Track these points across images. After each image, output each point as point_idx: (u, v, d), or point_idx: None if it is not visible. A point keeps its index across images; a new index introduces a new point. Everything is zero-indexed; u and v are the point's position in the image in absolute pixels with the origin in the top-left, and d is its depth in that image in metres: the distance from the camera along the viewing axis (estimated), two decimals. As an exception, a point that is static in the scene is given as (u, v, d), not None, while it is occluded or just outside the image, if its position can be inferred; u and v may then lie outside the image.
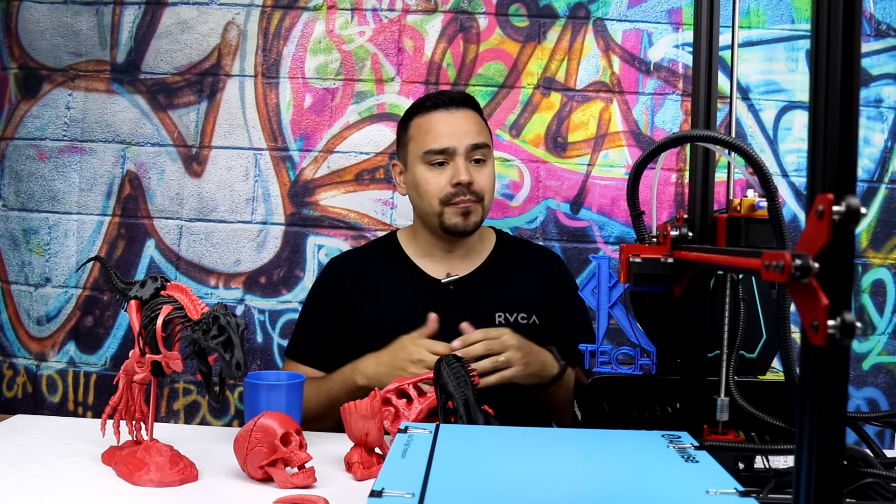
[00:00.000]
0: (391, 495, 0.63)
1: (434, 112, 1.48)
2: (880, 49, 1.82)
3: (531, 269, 1.56)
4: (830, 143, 0.51)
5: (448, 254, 1.53)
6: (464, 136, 1.45)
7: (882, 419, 0.99)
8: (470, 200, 1.45)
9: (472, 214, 1.46)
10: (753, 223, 0.91)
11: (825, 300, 0.49)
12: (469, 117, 1.48)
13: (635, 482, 0.70)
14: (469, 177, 1.44)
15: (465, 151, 1.45)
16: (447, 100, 1.48)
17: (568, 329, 1.53)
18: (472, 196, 1.45)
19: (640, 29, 1.83)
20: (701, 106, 0.93)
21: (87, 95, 1.89)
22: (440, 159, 1.45)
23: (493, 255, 1.57)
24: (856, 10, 0.50)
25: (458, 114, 1.48)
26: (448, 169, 1.45)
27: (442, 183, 1.45)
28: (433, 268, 1.53)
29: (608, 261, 1.04)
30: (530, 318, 1.50)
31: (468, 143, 1.45)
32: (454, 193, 1.44)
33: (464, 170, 1.43)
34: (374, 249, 1.61)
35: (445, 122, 1.47)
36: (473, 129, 1.47)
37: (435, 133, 1.46)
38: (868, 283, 1.83)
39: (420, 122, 1.49)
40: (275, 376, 1.26)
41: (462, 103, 1.49)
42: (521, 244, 1.65)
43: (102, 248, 1.89)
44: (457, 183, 1.43)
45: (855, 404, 1.83)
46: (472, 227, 1.48)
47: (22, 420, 1.30)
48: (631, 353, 1.01)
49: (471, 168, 1.45)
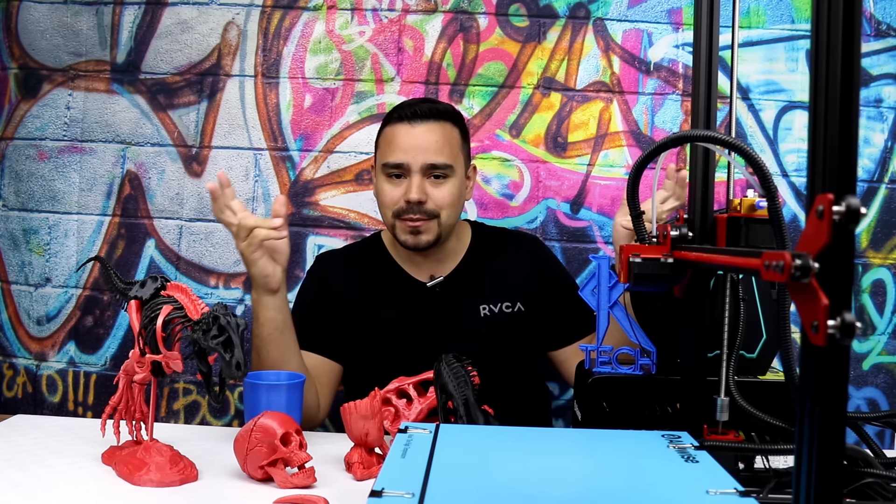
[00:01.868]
0: (391, 495, 0.63)
1: (398, 124, 1.45)
2: (880, 49, 1.82)
3: (510, 257, 1.56)
4: (830, 143, 0.51)
5: (426, 258, 1.52)
6: (420, 153, 1.42)
7: (882, 419, 0.99)
8: (420, 219, 1.43)
9: (424, 233, 1.44)
10: (753, 223, 0.91)
11: (825, 300, 0.49)
12: (432, 133, 1.44)
13: (635, 482, 0.70)
14: (420, 195, 1.41)
15: (420, 169, 1.42)
16: (412, 113, 1.44)
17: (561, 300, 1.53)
18: (423, 214, 1.43)
19: (640, 29, 1.83)
20: (701, 106, 0.93)
21: (87, 95, 1.89)
22: (396, 172, 1.44)
23: (471, 251, 1.57)
24: (856, 10, 0.50)
25: (420, 128, 1.43)
26: (403, 183, 1.44)
27: (396, 196, 1.44)
28: (417, 271, 1.53)
29: (608, 261, 1.04)
30: (515, 306, 1.51)
31: (423, 161, 1.42)
32: (404, 210, 1.43)
33: (416, 188, 1.41)
34: (361, 252, 1.61)
35: (405, 136, 1.43)
36: (433, 147, 1.43)
37: (394, 146, 1.44)
38: (868, 283, 1.83)
39: (386, 132, 1.47)
40: (275, 376, 1.26)
41: (429, 116, 1.44)
42: (497, 233, 1.64)
43: (102, 248, 1.89)
44: (407, 200, 1.42)
45: (855, 404, 1.83)
46: (425, 244, 1.45)
47: (22, 420, 1.30)
48: (631, 353, 1.01)
49: (427, 184, 1.43)
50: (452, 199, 1.46)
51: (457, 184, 1.47)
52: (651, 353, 1.00)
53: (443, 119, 1.46)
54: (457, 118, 1.51)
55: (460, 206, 1.51)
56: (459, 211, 1.51)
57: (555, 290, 1.55)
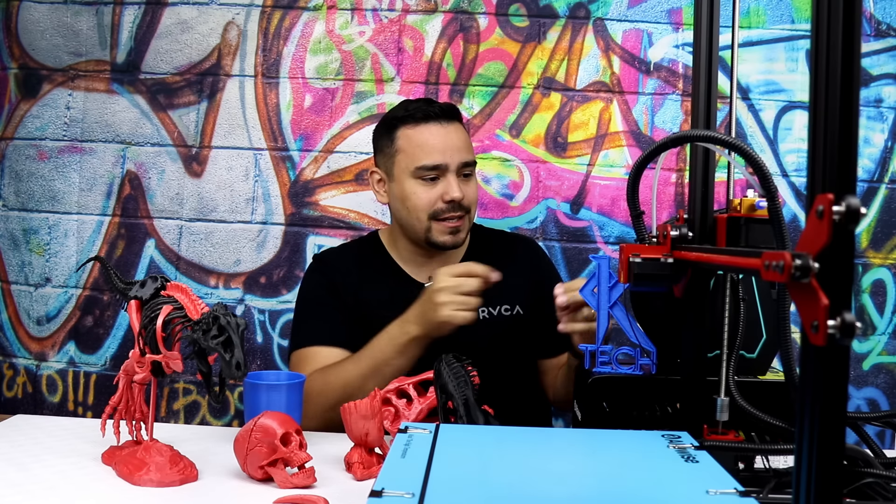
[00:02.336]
0: (391, 495, 0.63)
1: (425, 124, 1.45)
2: (880, 49, 1.82)
3: (509, 260, 1.55)
4: (830, 143, 0.51)
5: (431, 259, 1.53)
6: (456, 152, 1.44)
7: (882, 419, 0.99)
8: (459, 217, 1.45)
9: (462, 231, 1.47)
10: (753, 223, 0.91)
11: (825, 300, 0.49)
12: (460, 132, 1.48)
13: (635, 482, 0.70)
14: (461, 193, 1.44)
15: (456, 168, 1.44)
16: (438, 111, 1.46)
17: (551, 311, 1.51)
18: (461, 212, 1.45)
19: (640, 29, 1.83)
20: (701, 106, 0.93)
21: (87, 95, 1.89)
22: (432, 175, 1.44)
23: (470, 253, 1.57)
24: (856, 10, 0.50)
25: (450, 128, 1.46)
26: (439, 184, 1.44)
27: (433, 198, 1.44)
28: (417, 272, 1.53)
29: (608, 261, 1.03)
30: (514, 309, 1.51)
31: (460, 160, 1.45)
32: (444, 210, 1.44)
33: (456, 187, 1.43)
34: (360, 251, 1.60)
35: (439, 136, 1.44)
36: (465, 146, 1.47)
37: (429, 148, 1.44)
38: (868, 283, 1.83)
39: (410, 134, 1.46)
40: (275, 376, 1.26)
41: (452, 116, 1.48)
42: (497, 236, 1.65)
43: (102, 248, 1.89)
44: (449, 200, 1.43)
45: (855, 404, 1.83)
46: (461, 242, 1.50)
47: (22, 420, 1.30)
48: (631, 353, 1.01)
49: (460, 183, 1.45)
50: (477, 194, 1.53)
51: (476, 180, 1.53)
52: (651, 353, 1.00)
53: (457, 119, 1.51)
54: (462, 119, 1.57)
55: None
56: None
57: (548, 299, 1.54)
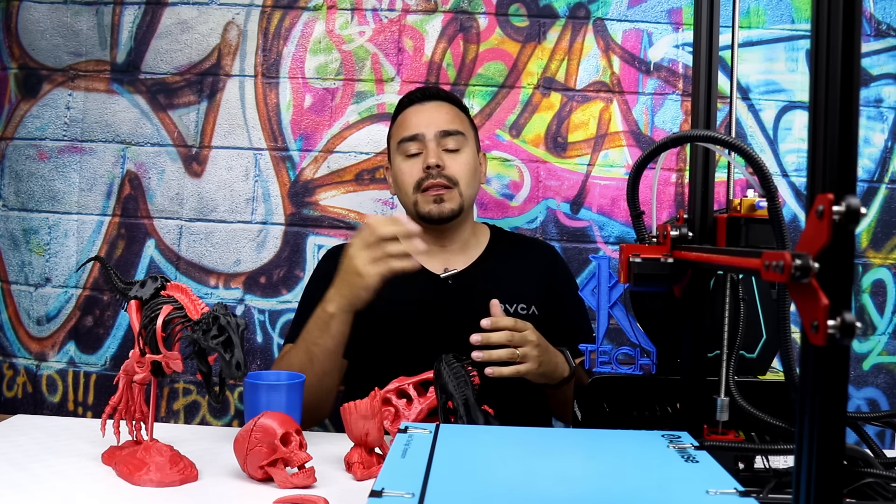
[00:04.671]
0: (391, 495, 0.63)
1: (409, 107, 1.54)
2: (880, 49, 1.82)
3: (528, 261, 1.57)
4: (830, 143, 0.51)
5: (443, 249, 1.54)
6: (432, 122, 1.50)
7: (882, 419, 0.99)
8: (441, 185, 1.46)
9: (448, 202, 1.47)
10: (753, 223, 0.91)
11: (825, 300, 0.49)
12: (440, 107, 1.53)
13: (635, 482, 0.69)
14: (438, 160, 1.46)
15: (434, 137, 1.49)
16: (421, 94, 1.55)
17: (567, 328, 1.53)
18: (444, 180, 1.47)
19: (640, 29, 1.83)
20: (701, 106, 0.93)
21: (87, 95, 1.89)
22: (414, 149, 1.49)
23: (489, 249, 1.57)
24: (856, 10, 0.50)
25: (428, 105, 1.53)
26: (421, 157, 1.49)
27: (415, 170, 1.49)
28: (430, 263, 1.52)
29: (608, 261, 1.03)
30: (529, 309, 1.50)
31: (437, 129, 1.49)
32: (425, 178, 1.47)
33: (432, 152, 1.47)
34: None
35: (416, 112, 1.53)
36: (444, 118, 1.51)
37: (407, 123, 1.52)
38: (868, 283, 1.83)
39: (398, 119, 1.56)
40: (275, 376, 1.26)
41: (435, 97, 1.55)
42: (517, 238, 1.66)
43: (102, 248, 1.89)
44: (427, 166, 1.46)
45: (855, 404, 1.83)
46: (448, 213, 1.48)
47: (22, 420, 1.30)
48: (631, 353, 1.01)
49: (443, 155, 1.49)
50: (469, 168, 1.51)
51: (471, 154, 1.53)
52: (651, 353, 1.00)
53: (449, 101, 1.56)
54: (462, 106, 1.59)
55: (477, 180, 1.56)
56: (477, 185, 1.56)
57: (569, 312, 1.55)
